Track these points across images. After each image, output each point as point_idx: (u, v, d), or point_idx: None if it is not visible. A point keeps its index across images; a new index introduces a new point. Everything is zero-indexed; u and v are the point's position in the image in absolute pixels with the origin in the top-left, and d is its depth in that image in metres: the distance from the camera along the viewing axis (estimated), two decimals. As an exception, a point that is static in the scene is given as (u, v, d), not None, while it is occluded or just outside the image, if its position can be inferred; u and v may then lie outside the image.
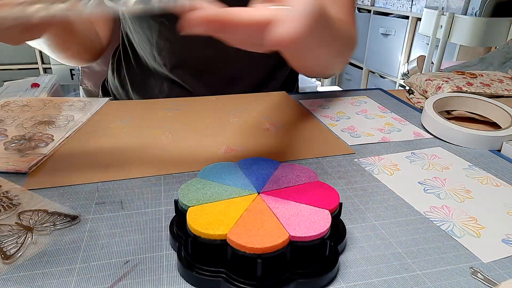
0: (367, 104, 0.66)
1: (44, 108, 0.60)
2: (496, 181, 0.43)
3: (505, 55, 0.99)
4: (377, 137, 0.53)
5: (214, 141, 0.50)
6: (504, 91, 0.67)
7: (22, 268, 0.29)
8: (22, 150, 0.47)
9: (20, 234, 0.32)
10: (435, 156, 0.48)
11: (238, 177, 0.34)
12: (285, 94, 0.69)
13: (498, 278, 0.30)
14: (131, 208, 0.37)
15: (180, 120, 0.57)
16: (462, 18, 1.56)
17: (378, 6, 2.79)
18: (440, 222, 0.36)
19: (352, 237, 0.33)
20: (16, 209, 0.36)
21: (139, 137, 0.51)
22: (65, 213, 0.35)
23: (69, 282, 0.28)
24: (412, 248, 0.32)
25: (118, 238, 0.33)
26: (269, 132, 0.53)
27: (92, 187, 0.40)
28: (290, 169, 0.35)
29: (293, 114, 0.60)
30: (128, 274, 0.29)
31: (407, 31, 2.50)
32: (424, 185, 0.42)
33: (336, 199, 0.31)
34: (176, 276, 0.29)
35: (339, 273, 0.30)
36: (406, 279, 0.29)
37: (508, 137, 0.50)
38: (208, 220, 0.28)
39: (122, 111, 0.60)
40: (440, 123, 0.52)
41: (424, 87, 0.66)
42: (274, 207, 0.30)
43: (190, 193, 0.31)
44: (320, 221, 0.28)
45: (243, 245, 0.26)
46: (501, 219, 0.36)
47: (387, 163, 0.46)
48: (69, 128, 0.53)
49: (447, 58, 2.03)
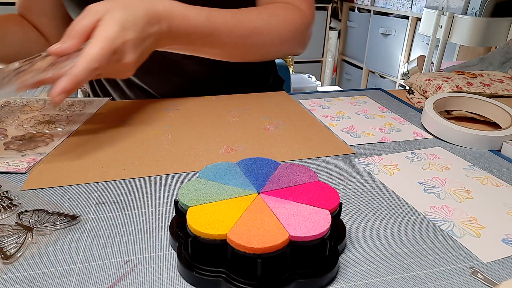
0: (367, 104, 0.66)
1: (44, 108, 0.60)
2: (496, 181, 0.43)
3: (505, 55, 0.99)
4: (377, 137, 0.53)
5: (214, 141, 0.50)
6: (504, 91, 0.67)
7: (22, 268, 0.29)
8: (22, 150, 0.47)
9: (20, 234, 0.32)
10: (435, 156, 0.48)
11: (238, 177, 0.34)
12: (285, 94, 0.69)
13: (498, 278, 0.30)
14: (131, 208, 0.37)
15: (180, 120, 0.57)
16: (462, 18, 1.56)
17: (378, 6, 2.79)
18: (440, 222, 0.36)
19: (352, 237, 0.33)
20: (16, 209, 0.36)
21: (139, 137, 0.51)
22: (65, 213, 0.35)
23: (69, 282, 0.28)
24: (412, 248, 0.32)
25: (118, 238, 0.33)
26: (269, 132, 0.53)
27: (92, 187, 0.40)
28: (290, 169, 0.35)
29: (293, 114, 0.60)
30: (128, 274, 0.29)
31: (407, 31, 2.50)
32: (424, 185, 0.42)
33: (336, 199, 0.31)
34: (176, 276, 0.29)
35: (339, 273, 0.30)
36: (406, 279, 0.29)
37: (508, 137, 0.50)
38: (208, 220, 0.28)
39: (122, 111, 0.60)
40: (440, 123, 0.52)
41: (424, 87, 0.66)
42: (274, 207, 0.30)
43: (190, 193, 0.31)
44: (320, 221, 0.28)
45: (243, 245, 0.26)
46: (501, 219, 0.36)
47: (387, 163, 0.46)
48: (69, 128, 0.53)
49: (447, 58, 2.03)
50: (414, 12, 2.43)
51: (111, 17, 0.46)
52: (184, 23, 0.53)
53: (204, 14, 0.55)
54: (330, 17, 3.12)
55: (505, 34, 1.54)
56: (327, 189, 0.32)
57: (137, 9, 0.49)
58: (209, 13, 0.56)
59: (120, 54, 0.47)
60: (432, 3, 1.90)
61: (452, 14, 1.58)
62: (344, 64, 3.37)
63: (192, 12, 0.54)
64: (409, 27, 2.48)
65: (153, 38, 0.51)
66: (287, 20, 0.63)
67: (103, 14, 0.47)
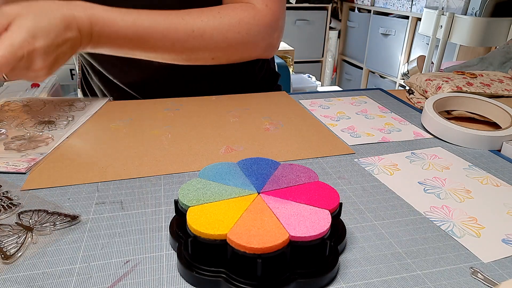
0: (367, 104, 0.66)
1: (44, 108, 0.60)
2: (496, 181, 0.43)
3: (505, 55, 0.99)
4: (377, 137, 0.53)
5: (214, 141, 0.50)
6: (504, 91, 0.67)
7: (22, 268, 0.29)
8: (22, 150, 0.47)
9: (20, 234, 0.32)
10: (435, 156, 0.48)
11: (238, 177, 0.34)
12: (285, 94, 0.69)
13: (498, 278, 0.30)
14: (131, 208, 0.37)
15: (180, 120, 0.57)
16: (462, 18, 1.56)
17: (378, 6, 2.79)
18: (440, 222, 0.36)
19: (352, 237, 0.33)
20: (16, 209, 0.36)
21: (139, 137, 0.51)
22: (65, 213, 0.35)
23: (69, 282, 0.28)
24: (412, 248, 0.32)
25: (118, 238, 0.33)
26: (269, 132, 0.53)
27: (92, 187, 0.40)
28: (290, 169, 0.35)
29: (293, 114, 0.60)
30: (128, 274, 0.29)
31: (407, 31, 2.50)
32: (424, 185, 0.42)
33: (336, 199, 0.31)
34: (176, 276, 0.29)
35: (339, 273, 0.30)
36: (406, 279, 0.29)
37: (508, 137, 0.50)
38: (208, 220, 0.28)
39: (122, 111, 0.60)
40: (440, 123, 0.52)
41: (424, 87, 0.66)
42: (274, 207, 0.30)
43: (190, 193, 0.31)
44: (320, 221, 0.28)
45: (243, 245, 0.26)
46: (501, 219, 0.36)
47: (387, 163, 0.46)
48: (69, 128, 0.53)
49: (447, 58, 2.03)
50: (414, 12, 2.43)
51: (20, 24, 0.46)
52: (106, 28, 0.53)
53: (131, 18, 0.54)
54: (330, 17, 3.12)
55: (505, 34, 1.54)
56: (327, 189, 0.32)
57: (52, 16, 0.48)
58: (137, 17, 0.54)
59: (28, 62, 0.47)
60: (432, 3, 1.90)
61: (452, 14, 1.58)
62: (344, 64, 3.37)
63: (116, 16, 0.53)
64: (409, 27, 2.48)
65: (70, 43, 0.50)
66: (234, 21, 0.58)
67: (14, 19, 0.46)
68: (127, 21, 0.54)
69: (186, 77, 0.71)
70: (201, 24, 0.57)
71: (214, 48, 0.60)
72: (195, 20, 0.57)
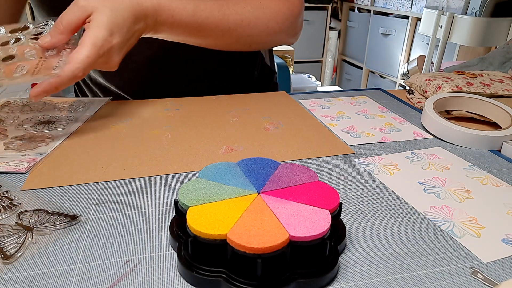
0: (367, 104, 0.66)
1: (44, 108, 0.60)
2: (496, 181, 0.43)
3: (505, 55, 0.98)
4: (377, 137, 0.53)
5: (214, 141, 0.50)
6: (504, 91, 0.67)
7: (22, 268, 0.29)
8: (22, 150, 0.47)
9: (20, 234, 0.32)
10: (435, 156, 0.48)
11: (238, 177, 0.34)
12: (285, 94, 0.69)
13: (498, 278, 0.30)
14: (131, 208, 0.37)
15: (180, 120, 0.57)
16: (462, 18, 1.56)
17: (378, 6, 2.79)
18: (440, 222, 0.36)
19: (352, 237, 0.33)
20: (16, 209, 0.36)
21: (139, 137, 0.51)
22: (65, 213, 0.35)
23: (69, 282, 0.28)
24: (412, 248, 0.32)
25: (118, 238, 0.33)
26: (269, 132, 0.53)
27: (92, 187, 0.40)
28: (290, 169, 0.35)
29: (293, 114, 0.60)
30: (128, 274, 0.29)
31: (407, 31, 2.50)
32: (424, 185, 0.42)
33: (336, 199, 0.31)
34: (176, 276, 0.29)
35: (339, 273, 0.30)
36: (406, 279, 0.29)
37: (508, 137, 0.50)
38: (208, 220, 0.28)
39: (122, 111, 0.60)
40: (440, 123, 0.52)
41: (424, 87, 0.66)
42: (274, 207, 0.30)
43: (190, 193, 0.31)
44: (320, 221, 0.28)
45: (243, 245, 0.26)
46: (501, 219, 0.36)
47: (387, 163, 0.46)
48: (69, 128, 0.53)
49: (447, 58, 2.04)
50: (414, 12, 2.43)
51: (98, 22, 0.47)
52: (170, 18, 0.54)
53: (190, 9, 0.56)
54: (330, 17, 3.12)
55: (505, 34, 1.54)
56: (327, 189, 0.32)
57: (124, 9, 0.49)
58: (195, 8, 0.56)
59: (106, 57, 0.49)
60: (432, 3, 1.90)
61: (452, 14, 1.58)
62: (344, 64, 3.37)
63: (178, 7, 0.55)
64: (409, 27, 2.48)
65: (137, 34, 0.52)
66: (274, 12, 0.63)
67: (91, 12, 0.47)
68: (188, 10, 0.56)
69: (189, 76, 0.72)
70: (248, 14, 0.61)
71: (256, 36, 0.64)
72: (243, 10, 0.61)
